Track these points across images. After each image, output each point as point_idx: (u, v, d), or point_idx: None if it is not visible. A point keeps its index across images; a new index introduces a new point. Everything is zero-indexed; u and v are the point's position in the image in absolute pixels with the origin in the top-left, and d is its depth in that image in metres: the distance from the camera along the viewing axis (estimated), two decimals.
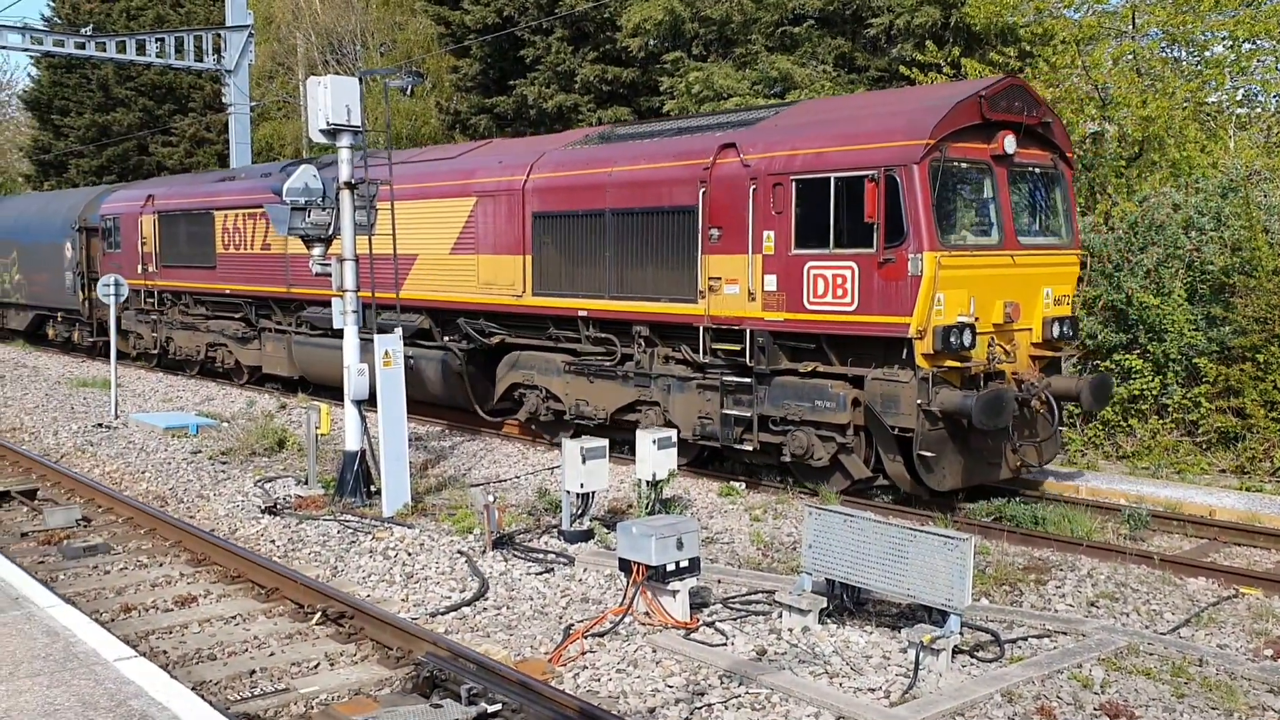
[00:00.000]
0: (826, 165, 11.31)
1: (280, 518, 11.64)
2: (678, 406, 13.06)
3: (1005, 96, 11.38)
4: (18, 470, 14.35)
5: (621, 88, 25.24)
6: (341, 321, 12.55)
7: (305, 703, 7.15)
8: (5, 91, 73.44)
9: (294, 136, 37.67)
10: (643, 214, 13.05)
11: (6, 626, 6.66)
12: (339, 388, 18.47)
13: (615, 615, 8.29)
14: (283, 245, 18.68)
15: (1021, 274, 11.57)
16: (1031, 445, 11.81)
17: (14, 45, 31.55)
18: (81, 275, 26.51)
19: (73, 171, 46.24)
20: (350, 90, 11.99)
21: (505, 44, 26.81)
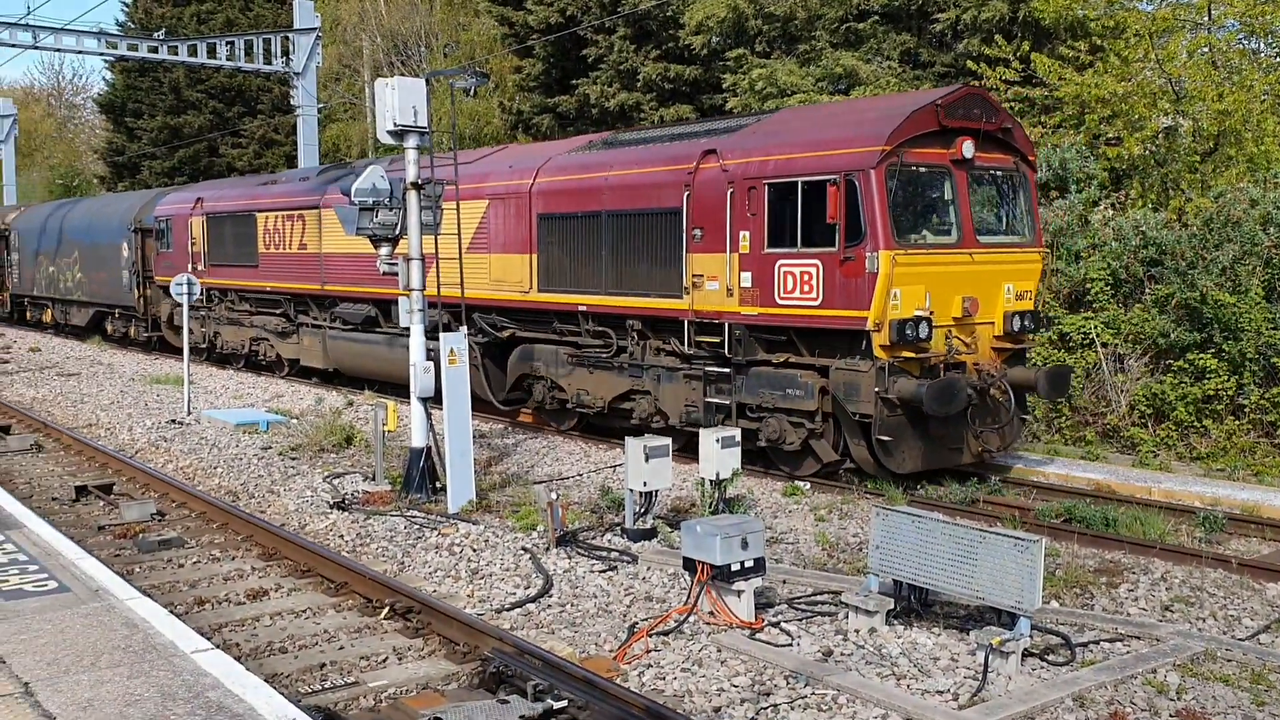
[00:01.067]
0: (794, 170, 12.13)
1: (348, 513, 11.79)
2: (667, 395, 13.91)
3: (963, 104, 12.11)
4: (94, 465, 14.71)
5: (684, 86, 25.22)
6: (408, 320, 12.68)
7: (374, 696, 7.24)
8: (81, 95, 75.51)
9: (359, 138, 38.16)
10: (635, 215, 13.92)
11: (88, 618, 6.83)
12: (370, 379, 19.88)
13: (680, 614, 8.28)
14: (317, 245, 19.92)
15: (980, 271, 12.28)
16: (993, 431, 12.48)
17: (90, 50, 32.39)
18: (137, 274, 27.61)
19: (145, 173, 47.29)
20: (417, 91, 12.11)
21: (568, 43, 26.91)
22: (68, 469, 14.56)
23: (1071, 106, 18.84)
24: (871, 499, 11.91)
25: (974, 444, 12.43)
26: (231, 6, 44.55)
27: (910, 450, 11.98)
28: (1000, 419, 12.49)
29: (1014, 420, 12.61)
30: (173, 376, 22.09)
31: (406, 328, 17.90)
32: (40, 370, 24.69)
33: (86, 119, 73.23)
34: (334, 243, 19.59)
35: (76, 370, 24.42)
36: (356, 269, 18.89)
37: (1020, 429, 13.24)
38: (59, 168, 63.91)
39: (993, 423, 12.47)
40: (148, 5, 47.03)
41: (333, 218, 19.72)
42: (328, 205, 19.77)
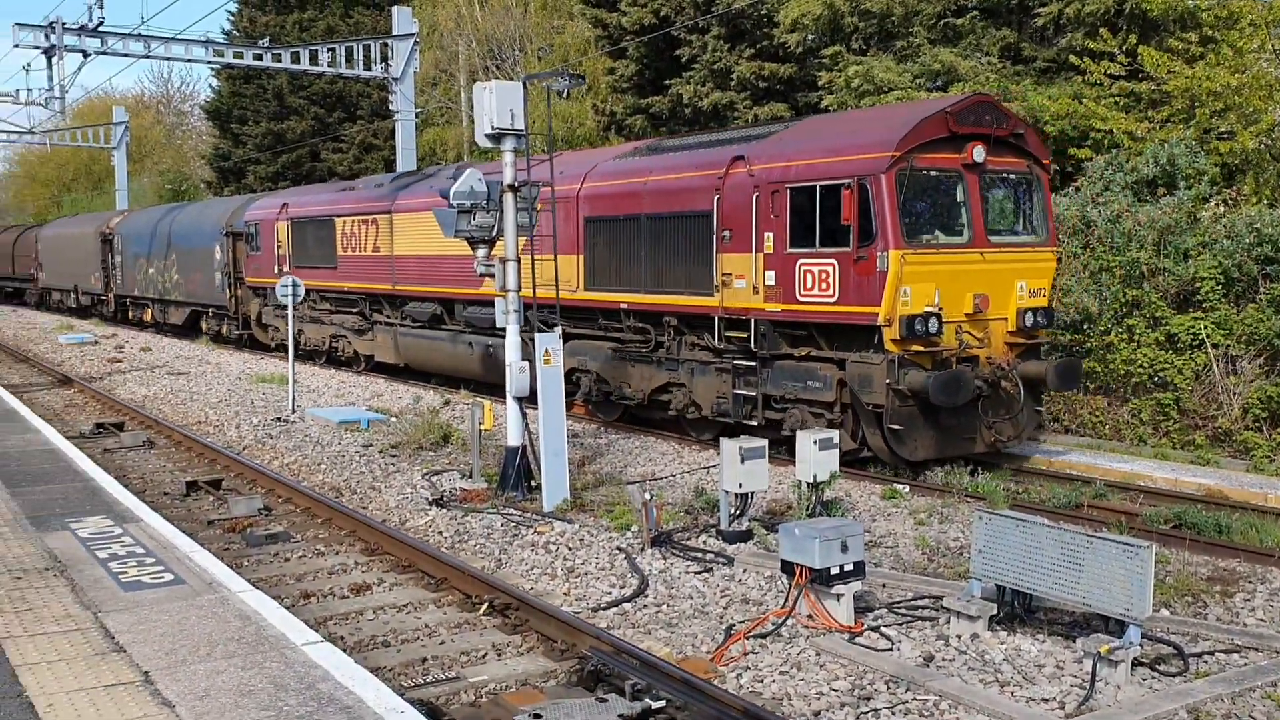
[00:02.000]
0: (813, 175, 12.87)
1: (447, 510, 11.97)
2: (700, 388, 14.77)
3: (973, 112, 12.84)
4: (203, 461, 15.17)
5: (778, 84, 25.08)
6: (504, 320, 12.81)
7: (475, 691, 7.34)
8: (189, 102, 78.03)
9: (455, 142, 38.73)
10: (670, 218, 14.81)
11: (202, 610, 7.05)
12: (437, 374, 20.93)
13: (777, 617, 8.23)
14: (389, 248, 21.13)
15: (992, 269, 12.88)
16: (1005, 422, 13.09)
17: (198, 58, 33.42)
18: (228, 275, 28.96)
19: (250, 178, 48.66)
20: (514, 95, 12.23)
21: (661, 44, 26.95)
22: (178, 465, 15.03)
23: (1180, 100, 18.27)
24: (973, 502, 11.70)
25: (986, 434, 13.01)
26: (332, 14, 45.59)
27: (922, 439, 12.57)
28: (1012, 410, 13.01)
29: (1025, 412, 13.13)
30: (277, 375, 22.68)
31: (469, 324, 19.74)
32: (151, 369, 25.57)
33: (194, 125, 75.65)
34: (404, 245, 20.78)
35: (185, 369, 25.22)
36: (423, 270, 20.19)
37: (1035, 420, 13.77)
38: (168, 173, 66.10)
39: (1005, 414, 13.04)
40: (252, 14, 48.40)
41: (403, 222, 20.97)
42: (399, 210, 20.95)
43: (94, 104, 67.62)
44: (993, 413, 12.97)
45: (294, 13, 46.89)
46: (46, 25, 29.23)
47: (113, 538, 8.86)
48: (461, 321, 19.62)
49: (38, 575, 7.74)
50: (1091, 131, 18.88)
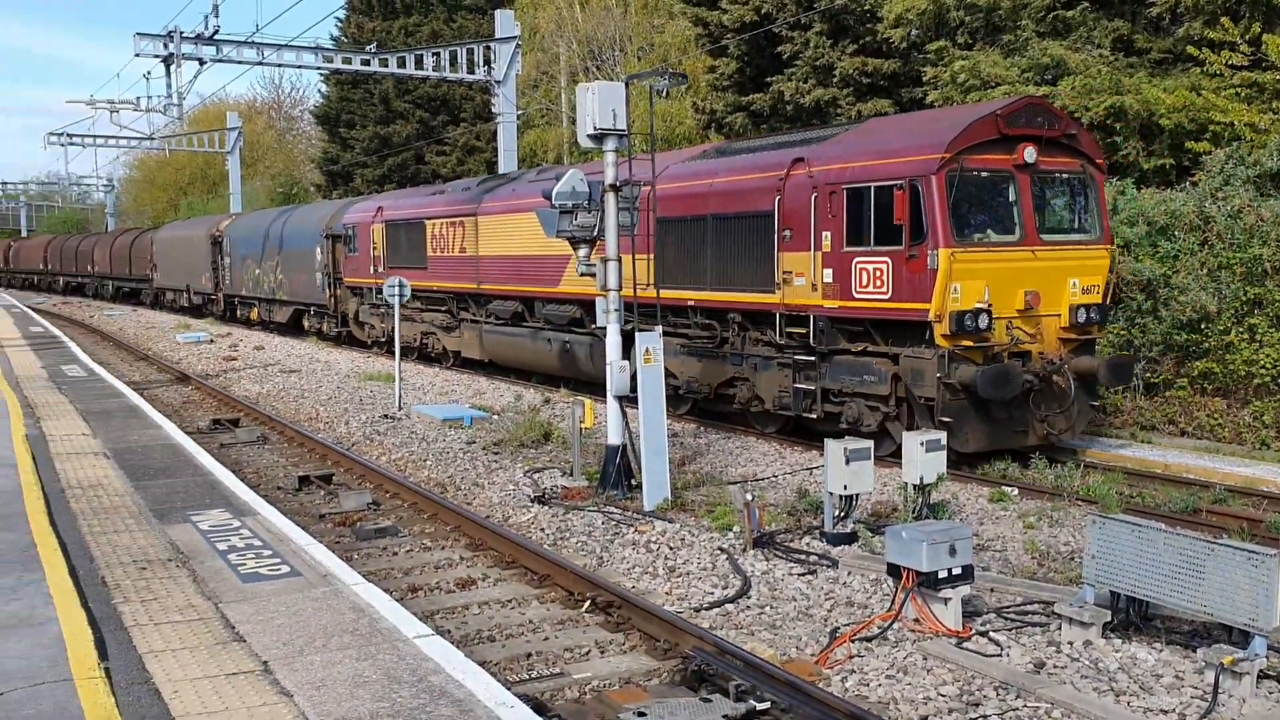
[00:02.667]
0: (868, 176, 13.32)
1: (548, 507, 12.09)
2: (763, 382, 15.28)
3: (1024, 114, 13.20)
4: (315, 457, 15.57)
5: (882, 80, 24.75)
6: (604, 319, 12.88)
7: (578, 688, 7.40)
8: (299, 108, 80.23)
9: (555, 143, 39.09)
10: (735, 218, 15.36)
11: (317, 602, 7.24)
12: (519, 369, 22.28)
13: (883, 620, 8.13)
14: (474, 249, 22.14)
15: (1043, 266, 13.17)
16: (1059, 415, 13.28)
17: (308, 64, 34.36)
18: (328, 276, 30.23)
19: (358, 181, 49.81)
20: (616, 95, 12.30)
21: (762, 41, 26.81)
22: (291, 459, 15.46)
23: None
24: (1084, 506, 11.40)
25: (1039, 427, 13.23)
26: (436, 19, 46.41)
27: (974, 431, 12.86)
28: (1064, 404, 13.24)
29: (1076, 406, 13.39)
30: (383, 373, 23.18)
31: (547, 321, 20.55)
32: (264, 367, 26.35)
33: (304, 130, 77.76)
34: (488, 246, 21.81)
35: (296, 367, 25.93)
36: (506, 270, 21.22)
37: (1088, 415, 14.00)
38: (279, 177, 68.06)
39: (1057, 407, 13.26)
40: (360, 20, 49.53)
41: (487, 224, 21.93)
42: (483, 213, 21.95)
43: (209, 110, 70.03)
44: (1045, 406, 13.20)
45: (400, 18, 47.86)
46: (165, 34, 30.36)
47: (231, 530, 9.16)
48: (541, 319, 20.46)
49: (161, 566, 8.05)
50: (1210, 124, 18.20)
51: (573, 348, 19.27)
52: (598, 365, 18.06)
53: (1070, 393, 13.15)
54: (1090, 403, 13.83)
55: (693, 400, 16.97)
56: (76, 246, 64.52)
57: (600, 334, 17.62)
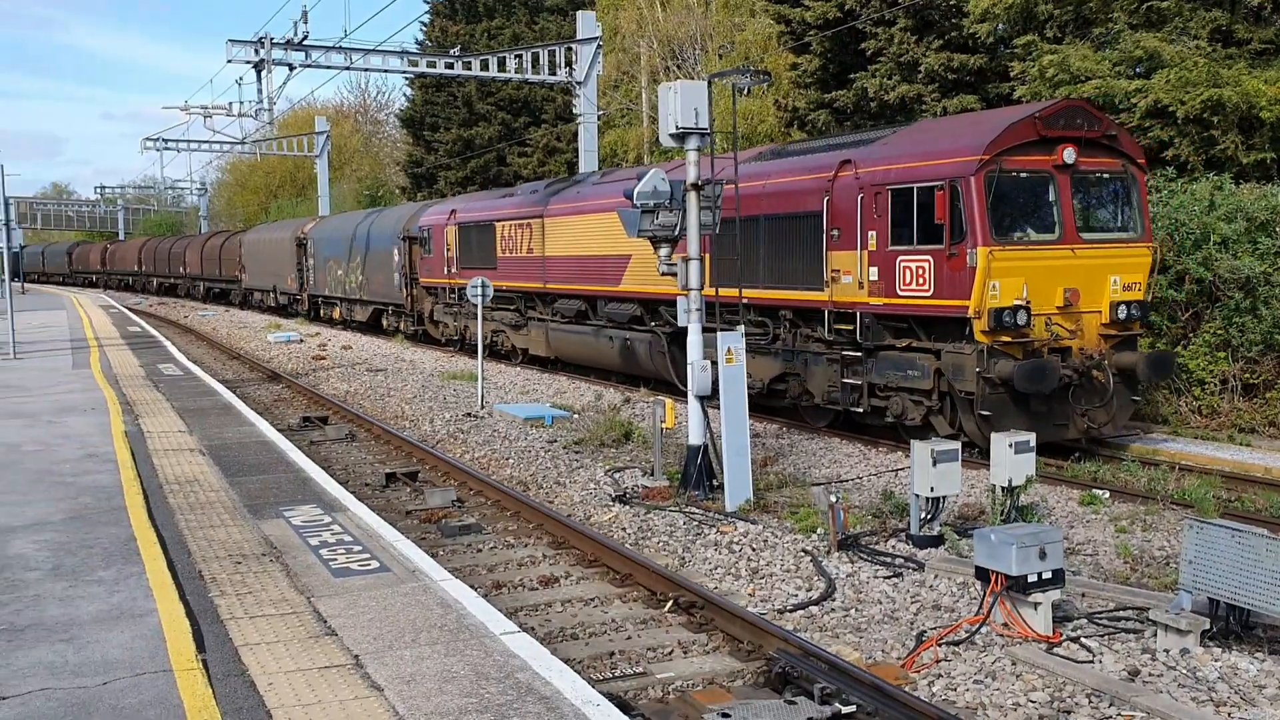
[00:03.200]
0: (911, 178, 13.72)
1: (630, 507, 12.12)
2: (812, 377, 15.78)
3: (1064, 115, 13.52)
4: (400, 454, 15.82)
5: (968, 76, 24.33)
6: (685, 319, 12.87)
7: (662, 688, 7.41)
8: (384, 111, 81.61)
9: (636, 143, 39.15)
10: (786, 218, 15.80)
11: (407, 597, 7.36)
12: (584, 365, 22.86)
13: (971, 624, 8.00)
14: (541, 249, 22.93)
15: (1083, 264, 13.47)
16: (1099, 409, 13.58)
17: (394, 68, 34.92)
18: (405, 276, 31.36)
19: (441, 183, 50.50)
20: (699, 94, 12.28)
21: (845, 38, 26.56)
22: (378, 457, 15.73)
23: None
24: (1180, 510, 11.09)
25: (1079, 421, 13.52)
26: (518, 21, 46.84)
27: (1013, 424, 12.75)
28: (1104, 398, 13.54)
29: (1116, 400, 13.66)
30: (466, 372, 23.47)
31: (609, 319, 21.06)
32: (351, 366, 26.86)
33: (389, 133, 79.05)
34: (554, 247, 22.56)
35: (383, 366, 26.38)
36: (570, 270, 21.92)
37: (1129, 409, 14.20)
38: (365, 179, 69.23)
39: (1098, 401, 13.55)
40: (444, 24, 50.21)
41: (553, 225, 22.66)
42: (549, 215, 22.72)
43: (298, 115, 71.56)
44: (1085, 400, 13.51)
45: (483, 21, 48.41)
46: (256, 41, 31.09)
47: (323, 525, 9.35)
48: (603, 317, 21.13)
49: (256, 560, 8.25)
50: None
51: (633, 345, 20.05)
52: (656, 362, 19.57)
53: (1109, 387, 13.43)
54: (1132, 398, 14.07)
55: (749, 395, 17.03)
56: (169, 248, 66.88)
57: (659, 331, 19.30)
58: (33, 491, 10.66)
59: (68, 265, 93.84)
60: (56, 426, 14.59)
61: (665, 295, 18.52)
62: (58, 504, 10.11)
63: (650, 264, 18.24)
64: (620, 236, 19.62)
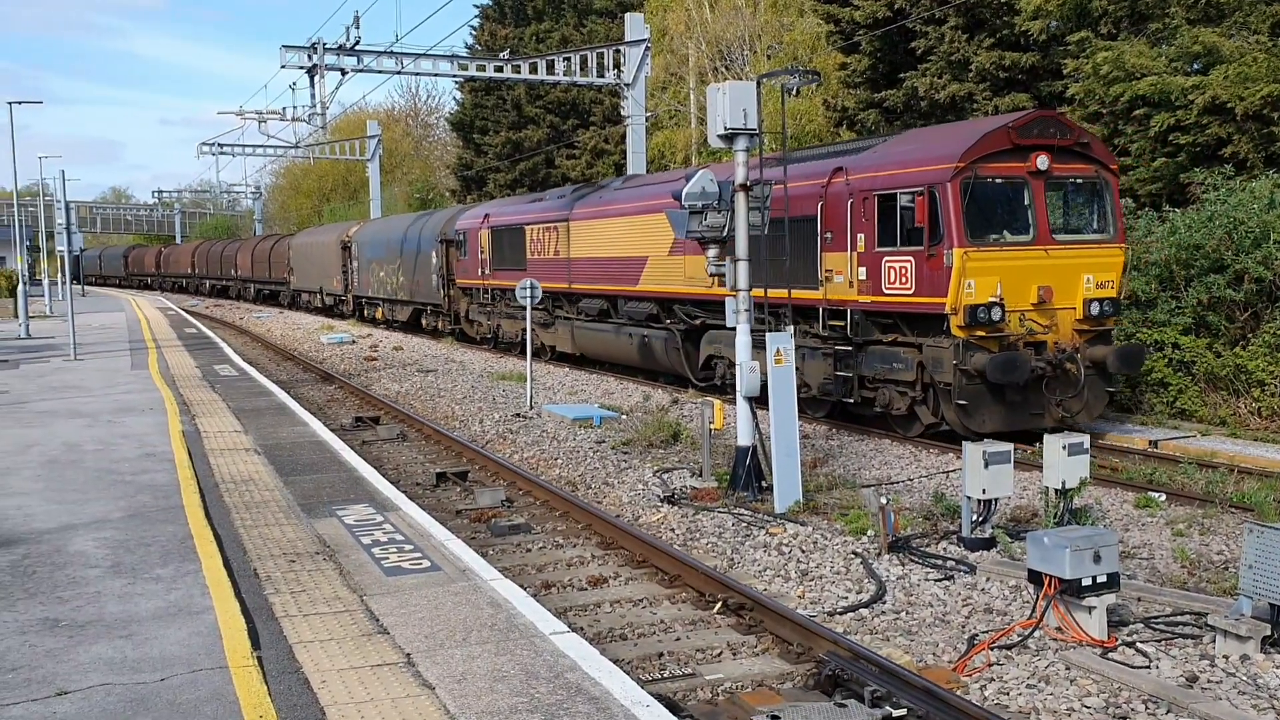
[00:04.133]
0: (895, 184, 14.59)
1: (678, 508, 12.12)
2: (809, 370, 16.49)
3: (1037, 125, 14.39)
4: (450, 454, 15.95)
5: (1019, 74, 24.05)
6: (734, 320, 12.85)
7: (711, 689, 7.40)
8: (435, 115, 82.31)
9: (684, 144, 39.13)
10: (786, 221, 16.18)
11: (457, 596, 7.42)
12: (607, 362, 24.00)
13: (1024, 628, 7.91)
14: (567, 252, 24.13)
15: (1056, 264, 14.30)
16: (1074, 399, 14.42)
17: (444, 72, 35.24)
18: (442, 277, 32.65)
19: (490, 185, 50.84)
20: (747, 95, 12.26)
21: (895, 36, 26.37)
22: (428, 456, 15.86)
23: None
24: (1239, 514, 10.89)
25: (1054, 410, 14.34)
26: (567, 24, 47.02)
27: (989, 413, 14.07)
28: (1077, 389, 14.34)
29: (1090, 390, 14.50)
30: (514, 373, 23.60)
31: (629, 318, 21.80)
32: (402, 367, 27.11)
33: (439, 137, 79.71)
34: (578, 249, 23.78)
35: (433, 367, 26.60)
36: (593, 271, 23.10)
37: (1104, 399, 14.98)
38: (416, 182, 69.88)
39: (1071, 392, 14.35)
40: (493, 28, 50.56)
41: (577, 228, 23.80)
42: (574, 219, 23.95)
43: (350, 119, 72.34)
44: (1060, 391, 14.33)
45: (531, 24, 48.66)
46: (309, 46, 31.50)
47: (375, 525, 9.46)
48: (623, 315, 22.19)
49: (309, 559, 8.36)
50: None
51: (650, 341, 21.24)
52: (671, 357, 20.82)
53: (1081, 379, 14.25)
54: (1106, 388, 14.85)
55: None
56: (221, 251, 68.66)
57: (674, 329, 20.49)
58: (93, 490, 10.88)
59: (124, 268, 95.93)
60: (116, 426, 14.88)
61: (678, 294, 20.01)
62: (117, 502, 10.31)
63: (665, 265, 20.32)
64: (638, 239, 20.95)
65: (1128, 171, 20.89)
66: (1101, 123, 21.31)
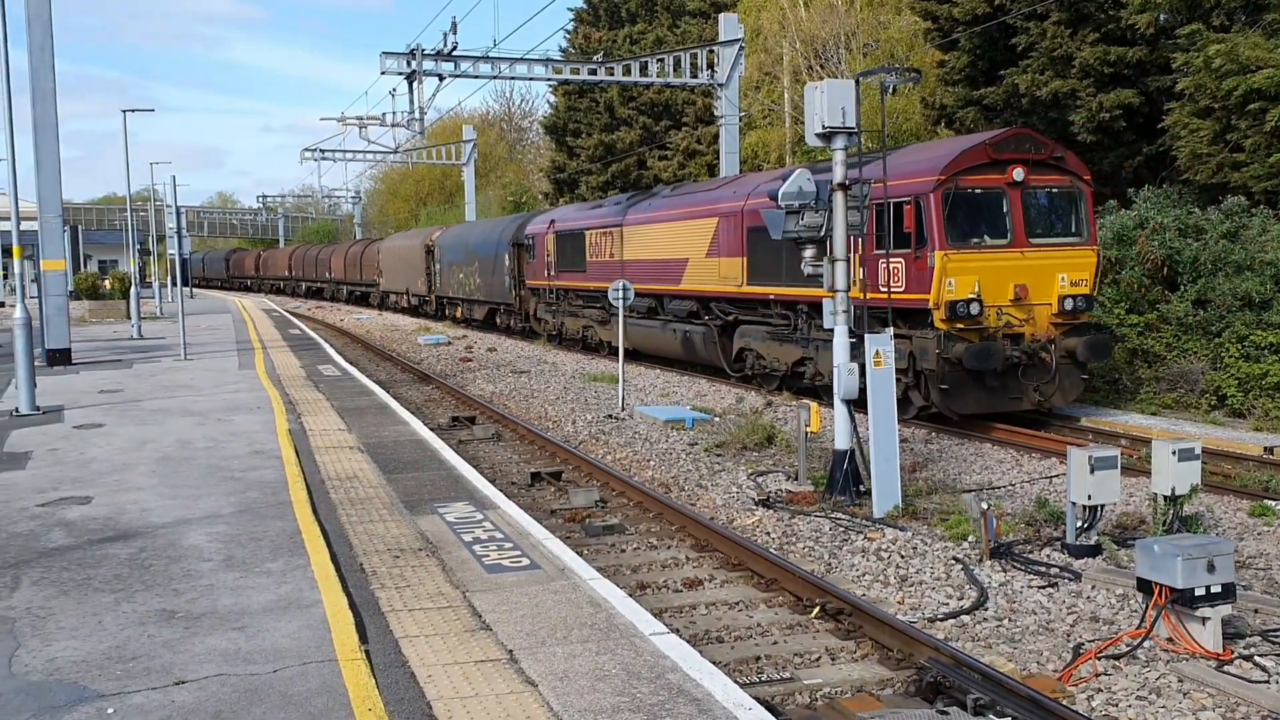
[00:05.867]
0: (889, 193, 15.74)
1: (773, 511, 12.05)
2: (823, 360, 18.07)
3: (1013, 141, 16.17)
4: (544, 454, 16.09)
5: (1126, 69, 23.39)
6: (832, 321, 12.74)
7: (810, 694, 7.35)
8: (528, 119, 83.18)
9: (778, 144, 38.90)
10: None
11: (557, 594, 7.49)
12: (654, 355, 26.11)
13: (1132, 638, 7.70)
14: (620, 254, 26.28)
15: (1031, 264, 15.93)
16: (1048, 384, 16.08)
17: (539, 76, 35.62)
18: (514, 278, 34.94)
19: (583, 188, 51.18)
20: (846, 93, 12.15)
21: (995, 33, 25.87)
22: (523, 456, 16.03)
23: None
24: None
25: (1031, 395, 15.99)
26: (661, 25, 47.10)
27: (971, 397, 15.72)
28: (1051, 375, 16.01)
29: (1064, 377, 16.17)
30: (606, 375, 23.73)
31: (673, 315, 23.10)
32: (496, 368, 27.45)
33: (533, 141, 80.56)
34: (630, 252, 26.05)
35: (527, 368, 26.88)
36: (643, 271, 25.04)
37: (1079, 385, 16.56)
38: (509, 186, 70.70)
39: (1046, 378, 16.01)
40: (586, 31, 50.89)
41: (629, 233, 25.94)
42: (627, 224, 26.20)
43: (446, 124, 73.51)
44: (1036, 377, 15.97)
45: (625, 26, 48.86)
46: (408, 52, 32.11)
47: (475, 522, 9.60)
48: (669, 313, 24.22)
49: (413, 555, 8.52)
50: None
51: (691, 336, 23.26)
52: (709, 350, 22.93)
53: (1053, 366, 15.90)
54: (1081, 375, 16.45)
55: (779, 378, 20.37)
56: (316, 255, 71.68)
57: (711, 324, 22.43)
58: (204, 485, 11.24)
59: (225, 271, 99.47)
60: (225, 424, 15.35)
61: (714, 293, 22.13)
62: (228, 498, 10.64)
63: (703, 266, 22.49)
64: (680, 243, 23.33)
65: (1241, 168, 20.18)
66: (1213, 118, 20.62)
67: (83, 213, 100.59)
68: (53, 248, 23.95)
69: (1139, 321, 19.01)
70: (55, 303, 24.23)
